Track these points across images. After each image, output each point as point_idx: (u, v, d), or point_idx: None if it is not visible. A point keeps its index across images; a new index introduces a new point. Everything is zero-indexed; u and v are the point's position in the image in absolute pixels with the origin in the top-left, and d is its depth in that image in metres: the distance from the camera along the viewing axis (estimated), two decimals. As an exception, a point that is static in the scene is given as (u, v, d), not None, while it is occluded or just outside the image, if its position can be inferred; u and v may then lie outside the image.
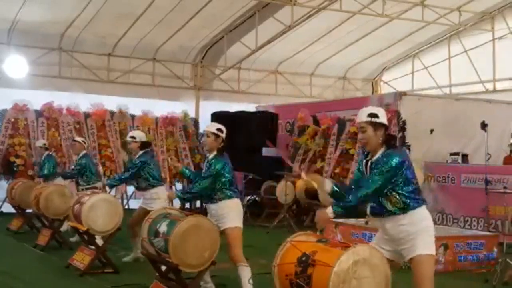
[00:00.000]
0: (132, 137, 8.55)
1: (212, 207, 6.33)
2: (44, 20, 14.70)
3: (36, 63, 15.50)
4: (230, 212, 6.25)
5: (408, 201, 4.55)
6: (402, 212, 4.55)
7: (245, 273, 6.15)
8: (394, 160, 4.51)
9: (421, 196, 4.66)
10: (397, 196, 4.54)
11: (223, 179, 6.25)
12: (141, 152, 8.44)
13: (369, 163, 4.67)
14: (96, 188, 10.00)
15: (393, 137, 4.71)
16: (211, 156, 6.39)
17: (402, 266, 4.91)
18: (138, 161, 8.38)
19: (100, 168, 13.84)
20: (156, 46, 16.93)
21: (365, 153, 4.79)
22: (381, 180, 4.49)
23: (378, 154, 4.62)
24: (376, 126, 4.62)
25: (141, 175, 8.38)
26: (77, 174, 10.27)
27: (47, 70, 15.85)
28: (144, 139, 8.62)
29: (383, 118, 4.65)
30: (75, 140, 10.74)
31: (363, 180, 4.64)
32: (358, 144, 13.68)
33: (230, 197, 6.28)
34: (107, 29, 15.58)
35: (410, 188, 4.57)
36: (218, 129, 6.38)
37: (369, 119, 4.62)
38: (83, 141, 10.64)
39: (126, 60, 16.92)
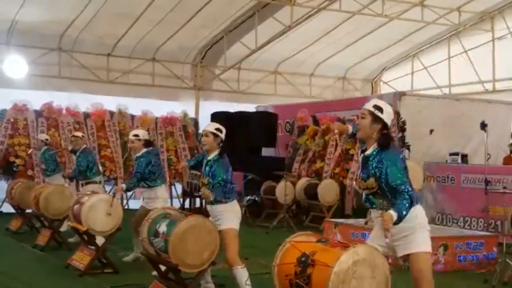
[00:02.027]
0: (136, 135, 8.48)
1: (210, 208, 6.33)
2: (43, 20, 14.70)
3: (35, 63, 15.51)
4: (227, 213, 6.22)
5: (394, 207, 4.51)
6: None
7: (241, 274, 6.11)
8: (399, 157, 4.58)
9: (416, 196, 4.67)
10: (386, 202, 4.57)
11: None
12: (144, 150, 8.39)
13: (361, 157, 4.71)
14: (95, 182, 9.96)
15: (388, 136, 4.66)
16: (211, 156, 6.37)
17: (403, 266, 4.91)
18: (143, 159, 8.29)
19: (100, 168, 13.82)
20: (156, 46, 16.93)
21: (362, 148, 4.82)
22: (404, 174, 4.50)
23: (371, 150, 4.65)
24: (376, 119, 4.64)
25: (144, 174, 8.31)
26: (81, 172, 10.00)
27: (47, 70, 15.87)
28: (146, 137, 8.56)
29: (386, 116, 4.66)
30: (74, 136, 10.43)
31: (395, 187, 4.50)
32: (358, 144, 13.69)
33: (228, 199, 6.27)
34: (106, 29, 15.58)
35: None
36: (217, 129, 6.39)
37: (373, 109, 4.66)
38: (82, 135, 10.37)
39: (125, 60, 16.92)
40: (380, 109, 4.65)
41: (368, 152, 4.66)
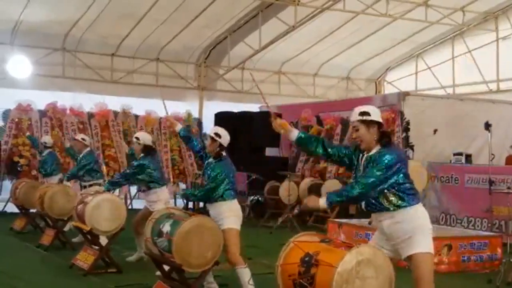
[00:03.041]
0: (136, 138, 8.50)
1: (209, 207, 6.42)
2: (47, 20, 14.72)
3: (39, 63, 15.52)
4: (227, 213, 6.29)
5: (404, 198, 4.57)
6: (396, 209, 4.57)
7: (244, 274, 6.16)
8: (388, 158, 4.52)
9: (416, 195, 4.68)
10: (393, 195, 4.56)
11: (224, 184, 6.31)
12: (142, 154, 8.39)
13: (364, 158, 4.69)
14: (99, 184, 9.97)
15: (387, 134, 4.74)
16: (211, 159, 6.49)
17: (406, 266, 4.90)
18: (136, 164, 8.29)
19: (104, 168, 13.83)
20: (160, 46, 16.94)
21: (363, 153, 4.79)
22: (376, 177, 4.47)
23: (374, 151, 4.65)
24: (369, 124, 4.65)
25: (140, 178, 8.32)
26: (80, 170, 10.04)
27: (51, 70, 15.88)
28: (148, 142, 8.41)
29: (375, 116, 4.68)
30: (75, 139, 10.59)
31: (361, 175, 4.62)
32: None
33: (227, 199, 6.31)
34: (110, 29, 15.59)
35: (406, 186, 4.59)
36: (216, 134, 6.47)
37: (361, 117, 4.68)
38: (82, 138, 10.30)
39: (129, 60, 16.93)
40: (366, 113, 4.68)
41: (371, 152, 4.66)
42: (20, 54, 15.13)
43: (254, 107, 17.15)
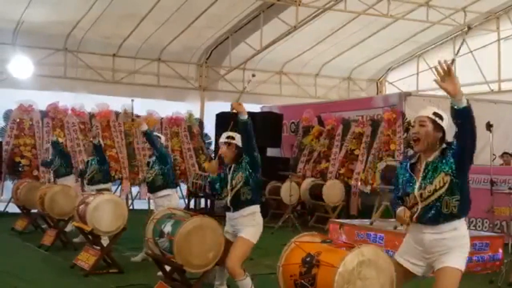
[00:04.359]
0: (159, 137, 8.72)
1: (235, 215, 6.07)
2: (49, 20, 14.73)
3: (41, 63, 15.54)
4: (253, 226, 6.03)
5: (459, 208, 4.30)
6: (449, 220, 4.28)
7: (244, 285, 5.88)
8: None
9: (468, 208, 4.39)
10: (454, 200, 4.28)
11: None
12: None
13: (423, 165, 4.37)
14: (107, 189, 10.01)
15: (450, 144, 4.44)
16: (236, 163, 6.13)
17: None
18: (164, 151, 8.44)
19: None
20: (161, 47, 16.95)
21: (408, 157, 4.53)
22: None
23: (433, 156, 4.36)
24: (437, 127, 4.41)
25: (161, 172, 8.36)
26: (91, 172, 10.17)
27: (52, 71, 15.90)
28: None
29: (445, 124, 4.44)
30: (91, 141, 10.55)
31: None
32: (363, 145, 13.69)
33: (255, 200, 6.17)
34: (112, 29, 15.61)
35: (463, 195, 4.34)
36: (228, 137, 6.19)
37: (433, 117, 4.41)
38: (99, 141, 10.45)
39: (131, 61, 16.94)
40: (440, 116, 4.42)
41: (429, 159, 4.37)
42: (22, 54, 15.15)
43: (255, 108, 17.16)
